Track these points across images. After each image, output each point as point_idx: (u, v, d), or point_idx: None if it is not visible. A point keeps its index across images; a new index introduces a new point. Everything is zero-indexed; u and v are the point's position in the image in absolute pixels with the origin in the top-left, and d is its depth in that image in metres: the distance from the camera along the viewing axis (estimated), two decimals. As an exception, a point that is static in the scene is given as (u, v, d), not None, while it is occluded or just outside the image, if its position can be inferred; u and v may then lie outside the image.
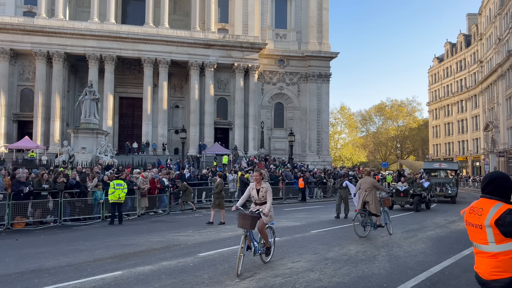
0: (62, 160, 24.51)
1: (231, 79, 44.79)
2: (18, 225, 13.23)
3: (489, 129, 53.59)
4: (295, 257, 8.37)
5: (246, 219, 7.09)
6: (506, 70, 47.64)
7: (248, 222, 7.06)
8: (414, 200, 18.76)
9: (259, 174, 7.71)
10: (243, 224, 7.06)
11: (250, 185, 7.80)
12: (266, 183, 7.69)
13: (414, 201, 18.72)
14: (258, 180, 7.67)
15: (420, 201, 19.07)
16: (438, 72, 74.78)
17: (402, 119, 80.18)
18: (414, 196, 18.98)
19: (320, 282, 6.52)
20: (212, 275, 6.93)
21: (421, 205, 19.17)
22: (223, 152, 38.00)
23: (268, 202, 7.50)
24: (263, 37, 45.86)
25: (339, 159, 72.62)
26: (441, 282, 6.67)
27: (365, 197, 11.35)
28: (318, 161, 45.04)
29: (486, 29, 57.69)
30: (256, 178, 7.68)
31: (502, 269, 2.95)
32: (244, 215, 7.14)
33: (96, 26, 40.17)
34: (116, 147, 40.24)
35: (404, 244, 10.07)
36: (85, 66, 40.79)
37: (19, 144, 35.32)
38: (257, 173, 7.76)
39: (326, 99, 47.73)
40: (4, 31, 38.07)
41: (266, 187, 7.60)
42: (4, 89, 38.56)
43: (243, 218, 7.10)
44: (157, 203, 17.86)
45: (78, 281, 6.59)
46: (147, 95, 41.36)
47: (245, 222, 7.07)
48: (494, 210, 2.99)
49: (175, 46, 41.71)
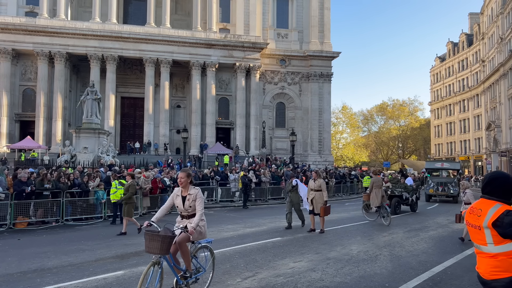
0: (64, 160, 24.54)
1: (233, 79, 44.81)
2: (20, 224, 13.26)
3: (491, 128, 53.47)
4: (297, 257, 8.36)
5: (153, 241, 5.07)
6: (509, 70, 47.52)
7: (157, 244, 5.05)
8: (392, 202, 16.94)
9: (186, 176, 5.69)
10: (149, 247, 5.10)
11: (174, 191, 5.77)
12: (196, 189, 5.68)
13: (392, 203, 16.88)
14: (183, 184, 5.67)
15: (400, 203, 17.47)
16: (440, 71, 74.65)
17: (404, 118, 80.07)
18: (391, 197, 17.31)
19: (322, 281, 6.51)
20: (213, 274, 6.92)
21: (400, 207, 17.52)
22: (225, 152, 38.05)
23: (197, 214, 5.55)
24: (265, 36, 45.86)
25: (341, 158, 72.59)
26: (443, 282, 6.66)
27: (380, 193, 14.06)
28: (319, 161, 45.01)
29: (488, 28, 57.55)
30: (180, 181, 5.67)
31: (502, 269, 2.94)
32: (151, 235, 5.08)
33: (97, 26, 40.24)
34: (118, 147, 40.30)
35: (406, 244, 10.06)
36: (87, 66, 40.85)
37: (21, 144, 35.42)
38: (182, 174, 5.73)
39: (327, 99, 47.71)
40: (6, 31, 38.16)
41: (195, 194, 5.61)
42: (6, 89, 38.65)
43: (150, 239, 5.09)
44: (159, 203, 17.87)
45: (80, 281, 6.61)
46: (149, 95, 41.41)
47: (152, 245, 5.08)
48: (493, 211, 2.97)
49: (177, 46, 41.75)
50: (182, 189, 5.69)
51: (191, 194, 5.62)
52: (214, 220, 14.98)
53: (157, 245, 5.07)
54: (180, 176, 5.72)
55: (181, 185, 5.70)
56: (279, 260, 8.07)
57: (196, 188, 5.67)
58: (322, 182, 11.85)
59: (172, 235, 5.21)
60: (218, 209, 19.68)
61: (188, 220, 5.61)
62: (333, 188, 27.76)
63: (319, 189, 11.78)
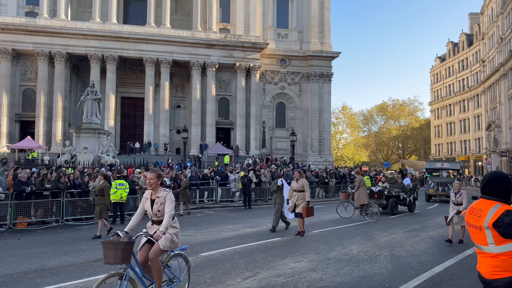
0: (64, 160, 24.55)
1: (233, 79, 44.82)
2: (20, 225, 13.27)
3: (491, 128, 53.47)
4: (297, 257, 8.36)
5: (108, 249, 4.53)
6: (509, 70, 47.52)
7: (112, 253, 4.52)
8: (389, 203, 16.78)
9: (156, 177, 5.13)
10: (106, 257, 4.56)
11: (144, 194, 5.25)
12: (166, 191, 5.12)
13: (389, 204, 16.76)
14: (153, 185, 5.11)
15: (397, 203, 17.13)
16: (440, 71, 74.65)
17: (404, 118, 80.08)
18: (389, 198, 16.99)
19: (322, 282, 6.51)
20: (214, 274, 6.93)
21: (397, 208, 17.20)
22: (225, 152, 38.05)
23: (165, 217, 4.95)
24: (265, 37, 45.86)
25: (341, 159, 72.60)
26: (444, 282, 6.66)
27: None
28: (319, 161, 45.02)
29: (488, 28, 57.55)
30: (150, 183, 5.13)
31: (503, 269, 2.95)
32: (106, 244, 4.56)
33: (98, 26, 40.25)
34: (118, 147, 40.31)
35: (406, 244, 10.06)
36: (87, 66, 40.86)
37: (21, 144, 35.42)
38: (152, 174, 5.16)
39: (327, 99, 47.72)
40: (6, 31, 38.16)
41: (164, 196, 5.05)
42: (6, 89, 38.66)
43: (105, 248, 4.56)
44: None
45: (80, 281, 6.61)
46: (149, 95, 41.42)
47: (108, 254, 4.54)
48: (493, 211, 2.97)
49: (177, 46, 41.75)
50: (152, 191, 5.16)
51: (160, 196, 5.07)
52: (214, 220, 14.99)
53: (112, 254, 4.52)
54: (149, 177, 5.17)
55: (150, 187, 5.17)
56: (279, 260, 8.07)
57: (166, 190, 5.14)
58: (305, 182, 11.46)
59: (129, 241, 4.62)
60: (218, 209, 19.67)
61: (159, 226, 5.04)
62: (333, 188, 27.76)
63: (301, 189, 11.35)
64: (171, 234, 5.05)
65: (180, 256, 5.48)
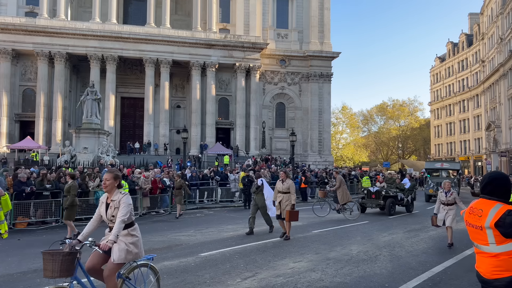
0: (64, 160, 24.55)
1: (233, 79, 44.83)
2: (20, 225, 13.27)
3: (491, 128, 53.48)
4: (297, 257, 8.37)
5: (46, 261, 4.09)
6: (508, 70, 47.53)
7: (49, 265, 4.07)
8: (386, 203, 16.47)
9: (112, 178, 4.63)
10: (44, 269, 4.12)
11: (101, 198, 4.75)
12: (122, 194, 4.58)
13: (386, 204, 16.44)
14: (108, 187, 4.62)
15: (395, 203, 16.80)
16: (440, 71, 74.67)
17: (404, 119, 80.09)
18: (386, 198, 16.68)
19: (321, 282, 6.52)
20: (213, 275, 6.93)
21: (395, 208, 16.90)
22: (225, 152, 38.06)
23: (116, 225, 4.37)
24: (265, 37, 45.88)
25: (341, 159, 72.61)
26: (443, 282, 6.67)
27: None
28: (319, 161, 45.03)
29: (488, 28, 57.57)
30: (105, 184, 4.63)
31: (504, 268, 2.95)
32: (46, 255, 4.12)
33: (97, 26, 40.26)
34: (118, 147, 40.33)
35: (406, 244, 10.07)
36: (87, 66, 40.88)
37: (21, 144, 35.43)
38: (107, 175, 4.66)
39: (327, 99, 47.73)
40: (6, 32, 38.18)
41: (118, 200, 4.51)
42: (6, 89, 38.67)
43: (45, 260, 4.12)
44: (159, 203, 17.89)
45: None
46: (149, 95, 41.43)
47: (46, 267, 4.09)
48: (494, 211, 2.98)
49: (177, 46, 41.76)
50: (108, 194, 4.65)
51: (114, 200, 4.53)
52: (214, 220, 15.00)
53: (50, 266, 4.04)
54: (104, 177, 4.64)
55: (105, 189, 4.63)
56: (279, 260, 8.08)
57: (122, 193, 4.59)
58: (291, 183, 10.70)
59: (69, 252, 4.10)
60: (218, 209, 19.68)
61: None
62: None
63: (287, 191, 10.59)
64: (127, 243, 4.46)
65: (145, 267, 4.82)
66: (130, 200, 4.59)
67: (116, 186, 4.63)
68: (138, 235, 4.67)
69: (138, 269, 4.76)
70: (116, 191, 4.62)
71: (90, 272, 4.46)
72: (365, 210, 17.46)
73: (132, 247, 4.49)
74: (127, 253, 4.43)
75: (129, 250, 4.46)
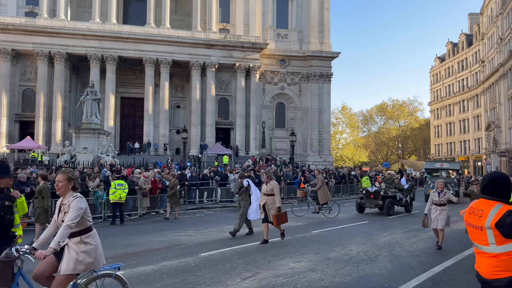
0: (64, 160, 24.55)
1: (233, 79, 44.83)
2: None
3: (491, 129, 53.49)
4: (297, 257, 8.37)
5: None
6: (508, 70, 47.54)
7: None
8: (385, 203, 16.36)
9: (65, 179, 4.23)
10: None
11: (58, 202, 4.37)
12: (74, 197, 4.18)
13: (385, 204, 16.34)
14: (61, 189, 4.23)
15: (393, 203, 16.72)
16: (440, 72, 74.69)
17: (404, 119, 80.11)
18: (385, 198, 16.60)
19: (321, 282, 6.52)
20: (213, 275, 6.94)
21: (393, 208, 16.81)
22: (224, 152, 38.06)
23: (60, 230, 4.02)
24: (265, 37, 45.88)
25: (341, 159, 72.61)
26: (443, 282, 6.67)
27: None
28: (319, 161, 45.03)
29: (487, 28, 57.58)
30: (57, 186, 4.24)
31: (504, 269, 2.95)
32: None
33: (97, 26, 40.25)
34: (117, 147, 40.31)
35: (405, 244, 10.07)
36: (87, 66, 40.87)
37: (21, 144, 35.41)
38: (60, 176, 4.27)
39: (327, 99, 47.74)
40: (6, 32, 38.16)
41: (69, 203, 4.14)
42: (6, 89, 38.65)
43: None
44: (159, 203, 17.90)
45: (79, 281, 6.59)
46: (149, 95, 41.43)
47: None
48: (494, 211, 2.98)
49: (177, 46, 41.76)
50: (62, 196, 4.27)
51: (65, 203, 4.15)
52: (214, 220, 15.01)
53: None
54: (57, 179, 4.26)
55: (58, 191, 4.24)
56: (278, 260, 8.08)
57: (74, 195, 4.18)
58: (274, 184, 10.27)
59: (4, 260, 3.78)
60: (218, 209, 19.69)
61: (70, 239, 4.08)
62: (333, 188, 27.77)
63: (271, 193, 10.16)
64: (78, 252, 4.05)
65: (109, 277, 4.39)
66: (82, 204, 4.15)
67: (71, 188, 4.23)
68: (94, 243, 4.22)
69: (100, 280, 4.33)
70: (69, 194, 4.21)
71: (38, 280, 4.08)
72: (363, 210, 17.51)
73: (83, 256, 4.06)
74: (77, 262, 4.03)
75: (79, 259, 4.03)
